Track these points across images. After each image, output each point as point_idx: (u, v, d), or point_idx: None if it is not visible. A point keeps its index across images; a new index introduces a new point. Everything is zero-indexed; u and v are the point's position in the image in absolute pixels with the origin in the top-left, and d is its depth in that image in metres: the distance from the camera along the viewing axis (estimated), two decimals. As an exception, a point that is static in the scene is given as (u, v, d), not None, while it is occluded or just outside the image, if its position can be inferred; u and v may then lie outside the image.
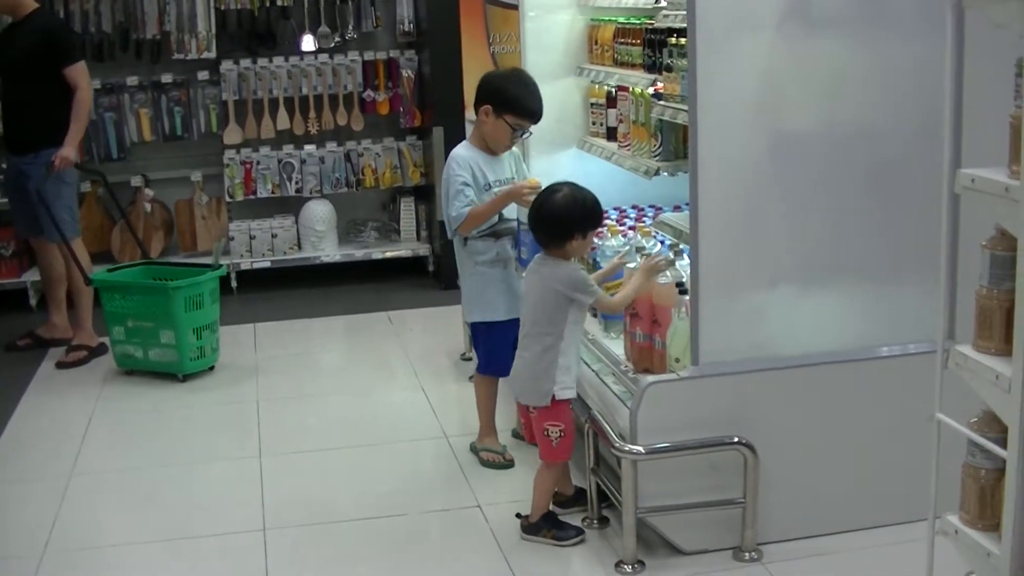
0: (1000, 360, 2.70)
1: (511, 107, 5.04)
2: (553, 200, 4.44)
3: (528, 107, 5.07)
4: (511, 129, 5.05)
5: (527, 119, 5.08)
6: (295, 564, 4.51)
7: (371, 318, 7.92)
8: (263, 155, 8.67)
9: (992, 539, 2.78)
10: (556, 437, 4.47)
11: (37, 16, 6.92)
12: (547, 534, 4.53)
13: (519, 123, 5.06)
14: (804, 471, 4.35)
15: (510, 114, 5.04)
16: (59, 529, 4.84)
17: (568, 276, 4.39)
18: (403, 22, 8.65)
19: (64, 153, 6.77)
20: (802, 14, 4.14)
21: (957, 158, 3.04)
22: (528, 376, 4.48)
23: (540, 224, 4.47)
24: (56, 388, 6.68)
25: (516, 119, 5.05)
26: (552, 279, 4.40)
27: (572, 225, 4.40)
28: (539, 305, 4.45)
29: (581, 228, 4.41)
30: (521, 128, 5.08)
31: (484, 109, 5.08)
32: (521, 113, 5.05)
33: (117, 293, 6.75)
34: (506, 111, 5.03)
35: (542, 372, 4.43)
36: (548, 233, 4.45)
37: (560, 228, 4.41)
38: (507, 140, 5.10)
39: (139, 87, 8.37)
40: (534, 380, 4.46)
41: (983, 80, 3.24)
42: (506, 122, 5.04)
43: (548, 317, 4.42)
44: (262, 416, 6.09)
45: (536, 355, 4.44)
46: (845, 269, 4.38)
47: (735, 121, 4.14)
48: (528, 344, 4.49)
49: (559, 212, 4.41)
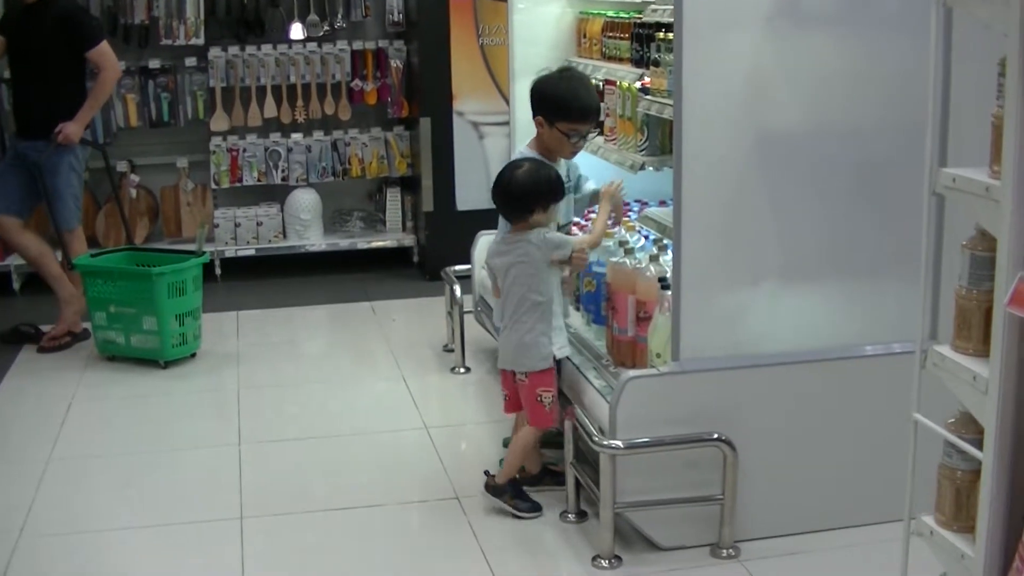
0: (978, 361, 2.70)
1: (561, 114, 4.79)
2: (516, 175, 4.62)
3: (577, 111, 4.81)
4: (566, 136, 4.80)
5: (580, 123, 4.81)
6: (272, 552, 4.50)
7: (355, 308, 7.90)
8: (250, 143, 8.64)
9: (967, 541, 2.77)
10: (548, 402, 4.64)
11: (51, 2, 6.78)
12: (508, 500, 4.69)
13: (573, 128, 4.79)
14: (783, 469, 4.34)
15: (561, 121, 4.79)
16: (35, 513, 4.82)
17: (543, 241, 4.58)
18: (392, 12, 8.62)
19: (69, 129, 6.74)
20: (789, 11, 4.14)
21: (943, 157, 3.04)
22: (524, 345, 4.63)
23: (505, 199, 4.66)
24: (37, 373, 6.65)
25: (569, 125, 4.78)
26: (528, 253, 4.58)
27: (535, 199, 4.58)
28: (521, 282, 4.61)
29: (543, 201, 4.59)
30: (576, 133, 4.81)
31: (537, 120, 4.87)
32: (572, 118, 4.79)
33: (99, 278, 6.72)
34: (557, 119, 4.79)
35: (539, 337, 4.62)
36: (513, 208, 4.64)
37: (524, 202, 4.59)
38: (566, 149, 4.87)
39: (126, 72, 8.31)
40: (532, 347, 4.62)
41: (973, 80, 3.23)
42: (560, 131, 4.80)
43: (536, 288, 4.59)
44: (242, 404, 6.07)
45: (530, 326, 4.60)
46: (829, 267, 4.38)
47: (720, 117, 4.14)
48: (519, 319, 4.63)
49: (523, 187, 4.59)
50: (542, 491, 4.79)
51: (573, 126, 4.79)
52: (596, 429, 4.28)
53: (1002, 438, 2.60)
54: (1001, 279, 2.56)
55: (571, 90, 4.86)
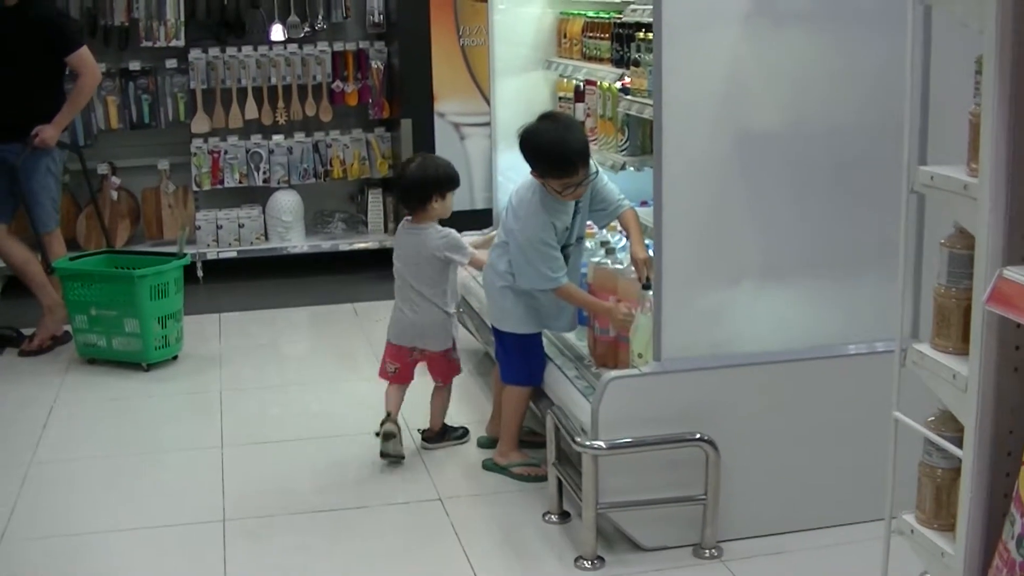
0: (957, 359, 2.70)
1: (550, 172, 4.60)
2: (409, 169, 5.16)
3: (565, 167, 4.57)
4: (558, 192, 4.60)
5: (571, 176, 4.58)
6: (254, 555, 4.48)
7: (337, 309, 7.89)
8: (231, 144, 8.62)
9: (947, 539, 2.78)
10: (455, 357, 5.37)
11: (30, 4, 6.73)
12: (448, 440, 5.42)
13: (565, 183, 4.58)
14: (766, 469, 4.35)
15: (556, 180, 4.59)
16: (17, 517, 4.80)
17: (444, 240, 5.12)
18: (373, 13, 8.62)
19: (46, 133, 6.71)
20: (768, 10, 4.15)
21: (922, 155, 3.04)
22: (431, 326, 5.21)
23: (403, 192, 5.21)
24: (17, 376, 6.62)
25: (559, 182, 4.59)
26: (430, 247, 5.10)
27: (431, 188, 5.08)
28: (422, 268, 5.14)
29: (439, 189, 5.09)
30: (570, 185, 4.58)
31: (533, 173, 4.69)
32: (561, 175, 4.58)
33: (79, 281, 6.69)
34: (547, 176, 4.62)
35: (444, 321, 5.21)
36: (411, 198, 5.13)
37: (420, 192, 5.09)
38: (567, 199, 4.65)
39: (106, 74, 8.27)
40: (439, 329, 5.22)
41: (951, 77, 3.24)
42: (552, 188, 4.60)
43: (432, 280, 5.14)
44: (225, 406, 6.05)
45: (428, 310, 5.16)
46: (810, 266, 4.39)
47: (700, 117, 4.14)
48: (418, 301, 5.17)
49: (417, 178, 5.10)
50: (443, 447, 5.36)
51: (564, 181, 4.58)
52: (578, 429, 4.28)
53: (981, 436, 2.61)
54: (979, 277, 2.57)
55: (553, 144, 4.62)
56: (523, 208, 4.70)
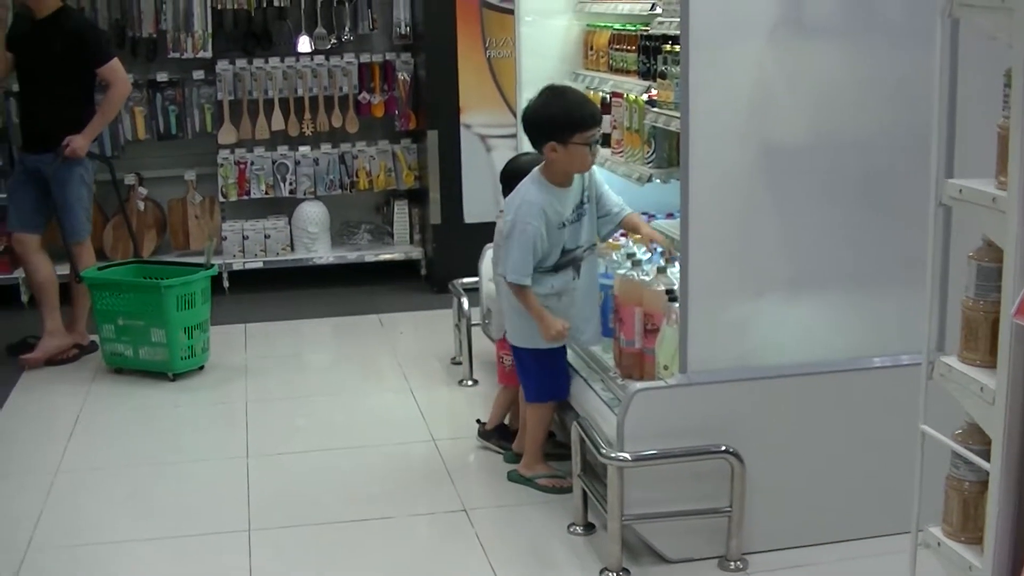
0: (985, 372, 2.70)
1: (574, 128, 4.66)
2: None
3: (589, 117, 4.72)
4: (586, 146, 4.68)
5: (593, 127, 4.70)
6: (279, 565, 4.49)
7: (362, 320, 7.90)
8: (257, 155, 8.65)
9: (974, 552, 2.77)
10: (508, 364, 5.27)
11: (64, 17, 6.80)
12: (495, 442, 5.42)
13: (590, 136, 4.68)
14: (791, 481, 4.34)
15: (577, 134, 4.65)
16: (43, 526, 4.82)
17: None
18: (399, 25, 8.64)
19: (77, 143, 6.73)
20: (795, 23, 4.15)
21: (949, 168, 3.04)
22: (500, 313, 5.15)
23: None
24: (45, 385, 6.65)
25: (584, 135, 4.66)
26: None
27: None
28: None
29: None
30: (594, 139, 4.71)
31: (549, 147, 4.70)
32: (586, 126, 4.67)
33: (107, 291, 6.73)
34: (572, 134, 4.66)
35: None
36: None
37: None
38: (586, 160, 4.74)
39: (134, 85, 8.30)
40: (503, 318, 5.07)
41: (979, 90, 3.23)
42: (577, 144, 4.67)
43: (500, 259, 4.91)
44: (250, 416, 6.07)
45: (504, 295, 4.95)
46: (836, 278, 4.38)
47: (727, 129, 4.14)
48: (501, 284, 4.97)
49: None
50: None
51: (587, 133, 4.67)
52: (604, 441, 4.28)
53: (1009, 449, 2.60)
54: (1008, 290, 2.56)
55: (571, 103, 4.77)
56: (519, 195, 4.80)
